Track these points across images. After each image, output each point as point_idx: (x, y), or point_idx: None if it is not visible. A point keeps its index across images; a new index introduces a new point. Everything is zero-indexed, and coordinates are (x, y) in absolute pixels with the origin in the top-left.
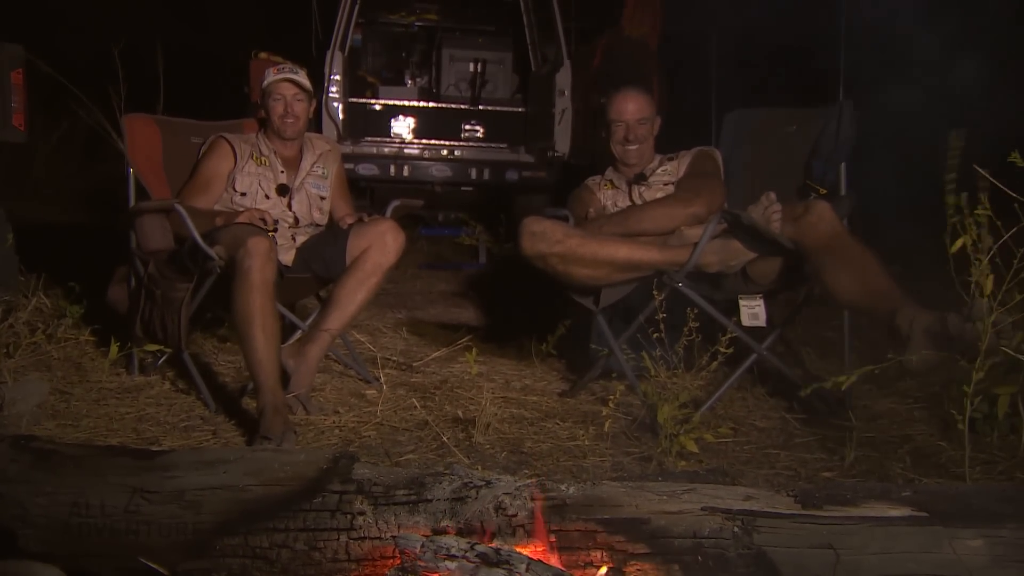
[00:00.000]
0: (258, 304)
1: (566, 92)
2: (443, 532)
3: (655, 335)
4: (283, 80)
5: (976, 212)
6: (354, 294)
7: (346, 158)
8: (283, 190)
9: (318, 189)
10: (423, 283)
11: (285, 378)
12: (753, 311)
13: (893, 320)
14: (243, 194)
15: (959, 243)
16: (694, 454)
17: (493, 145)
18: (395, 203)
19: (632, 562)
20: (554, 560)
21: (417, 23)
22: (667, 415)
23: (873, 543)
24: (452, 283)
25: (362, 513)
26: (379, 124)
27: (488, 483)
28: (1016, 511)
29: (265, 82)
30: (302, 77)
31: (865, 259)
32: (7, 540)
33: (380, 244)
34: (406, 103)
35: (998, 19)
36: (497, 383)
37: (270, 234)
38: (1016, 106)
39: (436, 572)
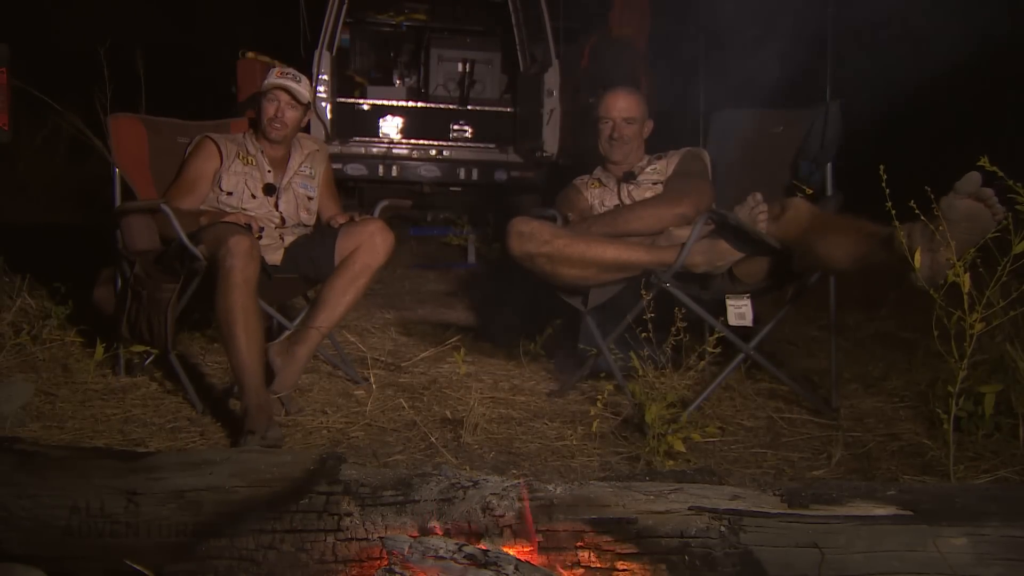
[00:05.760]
0: (240, 303)
1: (554, 92)
2: (431, 533)
3: (643, 335)
4: (280, 88)
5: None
6: (342, 295)
7: (334, 158)
8: (270, 189)
9: (306, 189)
10: (412, 283)
11: (272, 377)
12: (740, 311)
13: (893, 245)
14: (229, 193)
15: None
16: (682, 453)
17: (482, 145)
18: (383, 203)
19: (619, 562)
20: (542, 560)
21: (405, 23)
22: (655, 415)
23: (858, 542)
24: (441, 283)
25: (349, 514)
26: (367, 124)
27: (475, 483)
28: (1000, 509)
29: (264, 82)
30: (302, 87)
31: (844, 219)
32: None
33: (369, 245)
34: (394, 103)
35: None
36: (486, 383)
37: (255, 236)
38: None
39: (424, 573)
